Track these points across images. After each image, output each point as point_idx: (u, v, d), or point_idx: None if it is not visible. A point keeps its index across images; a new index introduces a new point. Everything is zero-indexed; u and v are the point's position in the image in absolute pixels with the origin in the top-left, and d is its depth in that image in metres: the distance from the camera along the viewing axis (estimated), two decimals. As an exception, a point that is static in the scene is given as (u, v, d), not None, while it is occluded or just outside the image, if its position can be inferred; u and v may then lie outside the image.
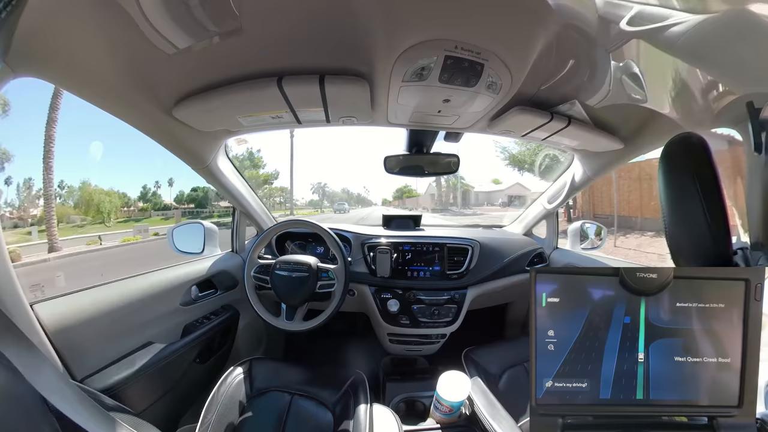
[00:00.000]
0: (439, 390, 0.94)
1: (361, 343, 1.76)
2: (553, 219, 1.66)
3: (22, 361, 0.44)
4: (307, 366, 1.08)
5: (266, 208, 1.52)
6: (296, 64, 0.72)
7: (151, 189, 29.28)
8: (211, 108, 0.81)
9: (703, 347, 0.47)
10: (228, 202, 1.36)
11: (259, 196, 1.46)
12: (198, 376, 1.11)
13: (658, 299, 0.47)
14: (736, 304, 0.46)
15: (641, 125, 0.98)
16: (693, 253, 0.53)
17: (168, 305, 1.04)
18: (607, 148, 1.12)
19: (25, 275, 5.93)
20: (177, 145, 0.98)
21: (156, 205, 28.78)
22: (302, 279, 1.14)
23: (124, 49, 0.62)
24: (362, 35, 0.63)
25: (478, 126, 1.05)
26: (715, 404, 0.47)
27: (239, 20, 0.58)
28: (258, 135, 1.17)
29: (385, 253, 1.35)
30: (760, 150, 0.57)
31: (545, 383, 0.48)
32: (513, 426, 0.80)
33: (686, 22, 0.54)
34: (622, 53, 0.70)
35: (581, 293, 0.48)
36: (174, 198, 30.56)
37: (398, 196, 46.68)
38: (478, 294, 1.42)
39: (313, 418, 0.90)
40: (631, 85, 0.78)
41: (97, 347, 0.79)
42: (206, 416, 0.81)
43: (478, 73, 0.69)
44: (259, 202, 1.45)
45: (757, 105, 0.58)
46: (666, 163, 0.54)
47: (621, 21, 0.58)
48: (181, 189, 31.51)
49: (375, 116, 0.97)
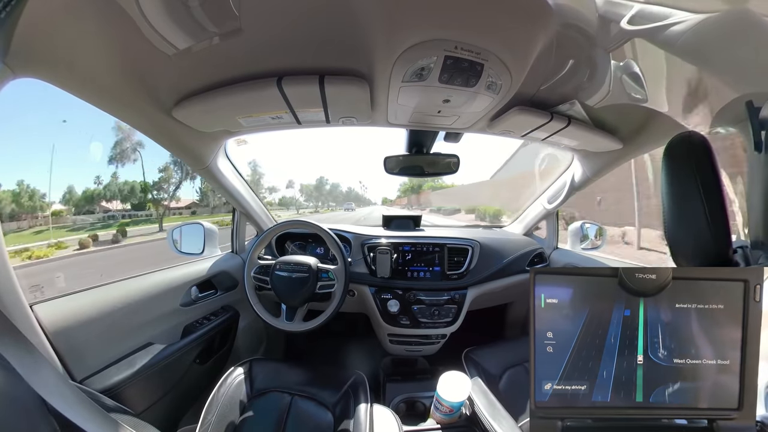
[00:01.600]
0: (440, 390, 0.94)
1: (362, 344, 1.76)
2: (553, 219, 1.66)
3: (22, 362, 0.44)
4: (307, 366, 1.08)
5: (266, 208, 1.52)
6: (296, 65, 0.72)
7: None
8: (210, 108, 0.81)
9: (702, 349, 0.47)
10: (228, 202, 1.36)
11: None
12: (198, 376, 1.11)
13: (657, 300, 0.47)
14: (736, 305, 0.46)
15: (641, 125, 0.98)
16: (693, 252, 0.53)
17: (168, 306, 1.04)
18: (606, 148, 1.12)
19: None
20: (177, 145, 0.98)
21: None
22: (302, 279, 1.14)
23: (124, 50, 0.62)
24: (362, 35, 0.63)
25: (478, 126, 1.04)
26: (715, 407, 0.47)
27: (239, 21, 0.58)
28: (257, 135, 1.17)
29: (385, 253, 1.35)
30: (760, 149, 0.57)
31: (544, 386, 0.47)
32: (513, 426, 0.80)
33: (686, 22, 0.54)
34: (622, 53, 0.70)
35: (580, 294, 0.48)
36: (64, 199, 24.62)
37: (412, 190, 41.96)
38: (478, 294, 1.41)
39: (313, 419, 0.90)
40: (631, 84, 0.78)
41: (97, 348, 0.79)
42: (206, 417, 0.81)
43: (477, 73, 0.69)
44: (259, 202, 1.45)
45: (756, 104, 0.57)
46: (668, 162, 0.54)
47: (621, 20, 0.57)
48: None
49: (375, 116, 0.97)
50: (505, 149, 34.54)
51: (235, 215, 1.44)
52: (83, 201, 24.76)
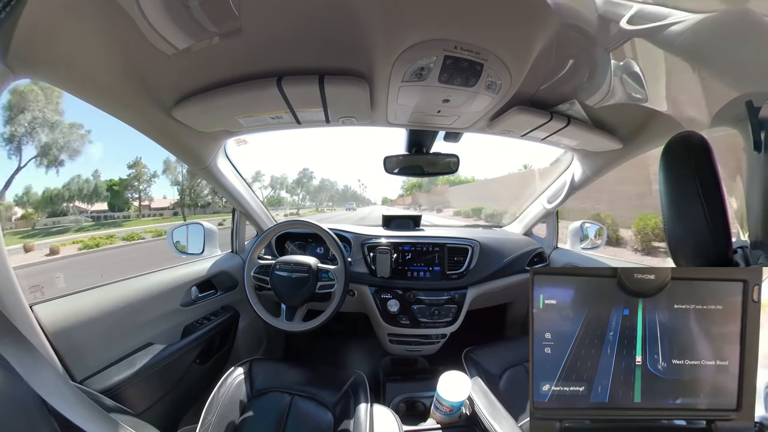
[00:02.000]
0: (440, 390, 0.94)
1: (361, 344, 1.76)
2: (553, 219, 1.66)
3: (22, 362, 0.44)
4: (307, 366, 1.08)
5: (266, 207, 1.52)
6: (295, 65, 0.72)
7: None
8: (210, 108, 0.81)
9: (701, 350, 0.47)
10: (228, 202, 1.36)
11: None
12: (198, 376, 1.11)
13: (656, 301, 0.47)
14: (735, 306, 0.46)
15: (641, 125, 0.97)
16: (693, 252, 0.53)
17: (168, 306, 1.04)
18: (606, 148, 1.12)
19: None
20: (177, 145, 0.98)
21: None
22: (302, 279, 1.14)
23: (124, 50, 0.62)
24: (361, 35, 0.63)
25: (478, 126, 1.04)
26: (714, 407, 0.47)
27: (239, 20, 0.58)
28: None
29: (385, 253, 1.35)
30: (760, 149, 0.57)
31: (543, 387, 0.47)
32: (513, 426, 0.80)
33: (686, 22, 0.54)
34: (621, 52, 0.70)
35: (579, 295, 0.48)
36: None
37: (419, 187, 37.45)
38: (478, 294, 1.41)
39: (313, 419, 0.90)
40: (631, 84, 0.78)
41: (97, 348, 0.79)
42: (206, 417, 0.81)
43: (477, 73, 0.69)
44: (258, 202, 1.45)
45: (756, 104, 0.57)
46: (666, 162, 0.54)
47: (621, 20, 0.57)
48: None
49: (374, 116, 0.97)
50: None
51: (235, 215, 1.44)
52: (43, 203, 22.07)
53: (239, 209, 1.40)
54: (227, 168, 1.21)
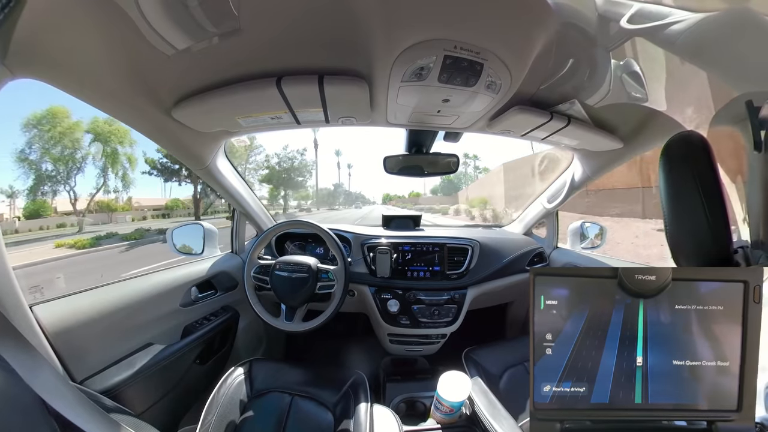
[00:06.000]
0: (440, 390, 0.94)
1: (361, 344, 1.76)
2: (553, 219, 1.66)
3: (21, 363, 0.44)
4: (308, 367, 1.08)
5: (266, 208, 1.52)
6: (295, 65, 0.72)
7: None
8: (210, 109, 0.81)
9: (702, 350, 0.47)
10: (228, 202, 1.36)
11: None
12: (198, 377, 1.11)
13: (657, 301, 0.47)
14: (735, 306, 0.46)
15: (641, 124, 0.97)
16: (693, 252, 0.53)
17: (168, 306, 1.04)
18: (606, 148, 1.12)
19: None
20: (176, 146, 0.98)
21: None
22: (302, 280, 1.14)
23: (123, 50, 0.62)
24: (361, 35, 0.63)
25: (478, 126, 1.04)
26: (714, 408, 0.47)
27: (238, 21, 0.57)
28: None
29: (385, 253, 1.35)
30: (760, 148, 0.56)
31: (544, 388, 0.47)
32: (513, 426, 0.80)
33: (686, 21, 0.54)
34: (622, 52, 0.70)
35: (579, 295, 0.48)
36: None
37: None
38: (478, 294, 1.41)
39: (313, 419, 0.90)
40: (631, 84, 0.77)
41: (97, 348, 0.79)
42: (206, 417, 0.81)
43: (477, 72, 0.69)
44: (258, 202, 1.45)
45: (756, 103, 0.57)
46: (666, 162, 0.54)
47: (621, 19, 0.57)
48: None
49: (374, 116, 0.97)
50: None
51: (235, 215, 1.44)
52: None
53: (239, 209, 1.40)
54: (227, 168, 1.21)
